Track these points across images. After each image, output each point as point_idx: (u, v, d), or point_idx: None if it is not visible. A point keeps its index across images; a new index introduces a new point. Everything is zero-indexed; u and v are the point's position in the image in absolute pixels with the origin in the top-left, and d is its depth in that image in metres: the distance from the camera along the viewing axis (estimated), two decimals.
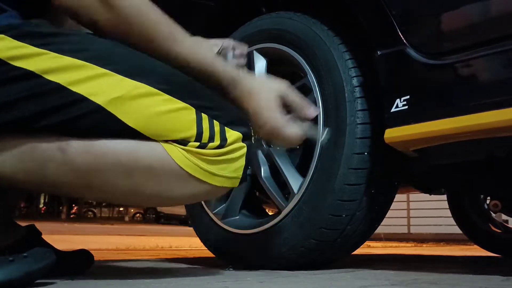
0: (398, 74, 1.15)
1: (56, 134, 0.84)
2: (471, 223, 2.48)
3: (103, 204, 32.92)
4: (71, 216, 25.44)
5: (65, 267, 1.01)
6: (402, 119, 1.12)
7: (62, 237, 4.46)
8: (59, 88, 0.82)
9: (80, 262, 1.12)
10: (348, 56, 1.26)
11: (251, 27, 1.49)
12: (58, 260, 0.87)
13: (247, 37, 1.49)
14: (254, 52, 1.45)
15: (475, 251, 2.78)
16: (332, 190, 1.20)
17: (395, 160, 1.24)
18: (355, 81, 1.23)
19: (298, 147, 1.39)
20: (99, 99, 0.83)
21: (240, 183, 0.96)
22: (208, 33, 1.68)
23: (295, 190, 1.27)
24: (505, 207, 2.28)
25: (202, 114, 0.90)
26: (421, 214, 6.52)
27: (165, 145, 0.88)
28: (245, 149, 0.94)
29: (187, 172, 0.89)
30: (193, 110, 0.89)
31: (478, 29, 1.07)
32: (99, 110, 0.83)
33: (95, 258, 1.14)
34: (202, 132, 0.89)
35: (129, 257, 1.86)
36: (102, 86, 0.84)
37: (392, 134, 1.13)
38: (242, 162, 0.94)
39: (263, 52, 1.44)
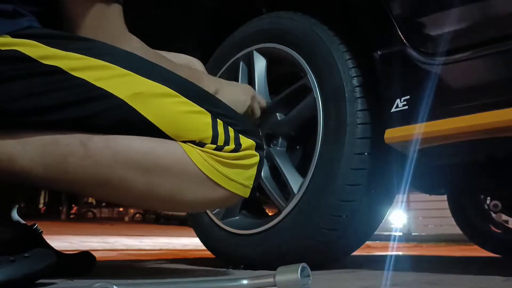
0: (398, 74, 1.15)
1: (79, 129, 0.85)
2: (471, 224, 2.48)
3: (103, 204, 32.89)
4: (71, 216, 25.43)
5: (66, 269, 1.01)
6: (402, 119, 1.11)
7: (62, 237, 4.46)
8: (84, 83, 0.85)
9: (82, 265, 1.11)
10: (348, 56, 1.26)
11: (251, 27, 1.49)
12: (59, 262, 0.87)
13: (247, 37, 1.49)
14: (254, 52, 1.45)
15: (475, 251, 2.78)
16: (332, 190, 1.20)
17: (395, 160, 1.24)
18: (355, 81, 1.23)
19: (298, 147, 1.39)
20: (121, 94, 0.86)
21: (251, 194, 0.96)
22: (208, 33, 1.69)
23: (295, 191, 1.27)
24: (505, 207, 2.28)
25: (218, 119, 0.92)
26: (421, 214, 6.52)
27: (184, 145, 0.90)
28: (258, 158, 0.96)
29: (204, 174, 0.90)
30: (209, 115, 0.92)
31: (478, 29, 1.07)
32: (121, 104, 0.86)
33: (96, 259, 1.14)
34: (217, 135, 0.91)
35: (128, 258, 1.86)
36: (125, 83, 0.87)
37: (392, 134, 1.13)
38: (254, 171, 0.96)
39: (263, 52, 1.44)
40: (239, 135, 0.94)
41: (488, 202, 2.38)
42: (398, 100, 1.12)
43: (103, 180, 0.87)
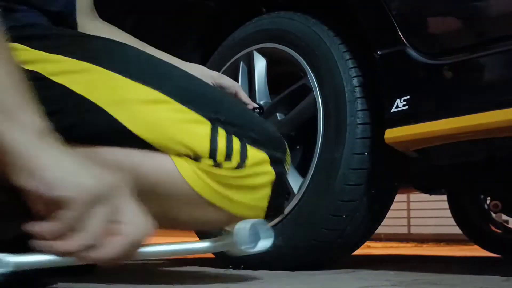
0: (398, 74, 1.15)
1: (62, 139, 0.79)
2: (471, 223, 2.47)
3: None
4: None
5: (67, 270, 1.00)
6: (402, 119, 1.11)
7: None
8: (63, 90, 0.75)
9: (84, 266, 1.11)
10: (348, 56, 1.26)
11: (251, 27, 1.49)
12: None
13: (247, 37, 1.49)
14: (254, 52, 1.45)
15: (475, 251, 2.77)
16: (332, 190, 1.20)
17: (395, 160, 1.24)
18: (355, 81, 1.23)
19: (298, 147, 1.39)
20: (102, 101, 0.74)
21: (273, 215, 0.82)
22: (208, 34, 1.69)
23: (295, 190, 1.27)
24: (505, 207, 2.28)
25: (219, 128, 0.76)
26: (421, 214, 6.51)
27: (176, 159, 0.75)
28: (271, 176, 0.79)
29: (198, 194, 0.75)
30: (208, 123, 0.76)
31: (478, 29, 1.07)
32: (100, 112, 0.74)
33: None
34: (216, 149, 0.75)
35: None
36: (106, 87, 0.76)
37: (392, 134, 1.13)
38: (267, 191, 0.79)
39: (263, 52, 1.44)
40: (247, 147, 0.77)
41: (488, 202, 2.37)
42: (398, 100, 1.12)
43: None
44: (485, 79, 1.06)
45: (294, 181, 1.29)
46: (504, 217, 2.69)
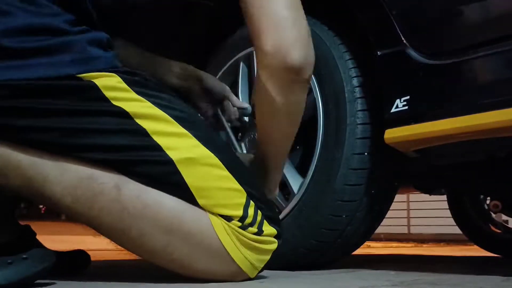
0: (398, 74, 1.15)
1: (116, 169, 0.86)
2: (471, 224, 2.47)
3: None
4: None
5: (61, 267, 1.00)
6: (402, 119, 1.12)
7: (62, 238, 4.46)
8: (143, 132, 0.87)
9: (77, 263, 1.11)
10: (348, 56, 1.26)
11: None
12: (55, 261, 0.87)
13: (247, 37, 1.49)
14: (254, 52, 1.44)
15: (475, 251, 2.78)
16: (332, 190, 1.20)
17: (395, 160, 1.24)
18: (355, 81, 1.23)
19: (298, 147, 1.39)
20: (173, 155, 0.87)
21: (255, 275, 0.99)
22: (209, 34, 1.68)
23: (295, 191, 1.27)
24: (505, 207, 2.28)
25: (251, 201, 0.94)
26: (421, 214, 6.51)
27: (212, 217, 0.91)
28: (275, 246, 0.98)
29: (224, 248, 0.91)
30: (245, 195, 0.93)
31: (478, 30, 1.07)
32: (169, 163, 0.87)
33: (95, 259, 1.14)
34: (246, 217, 0.92)
35: (129, 258, 1.85)
36: (180, 144, 0.89)
37: (392, 134, 1.13)
38: (268, 256, 0.98)
39: None
40: (264, 221, 0.95)
41: (488, 202, 2.37)
42: (398, 101, 1.12)
43: (123, 227, 0.87)
44: (485, 79, 1.06)
45: (294, 181, 1.29)
46: (504, 217, 2.69)
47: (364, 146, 1.21)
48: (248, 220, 0.92)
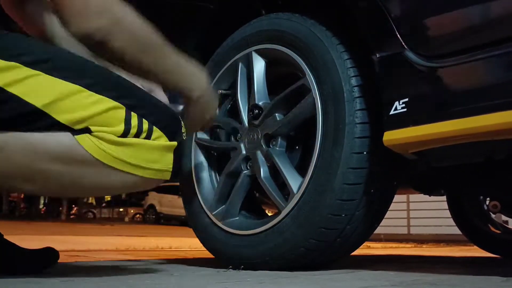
0: (397, 76, 1.15)
1: None
2: (471, 224, 2.48)
3: (103, 204, 32.91)
4: (71, 216, 25.42)
5: (29, 264, 1.03)
6: (401, 121, 1.12)
7: (63, 238, 4.46)
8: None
9: (45, 260, 1.14)
10: (346, 56, 1.26)
11: (250, 28, 1.50)
12: (22, 257, 0.89)
13: (246, 38, 1.49)
14: (253, 53, 1.45)
15: (475, 251, 2.78)
16: (332, 189, 1.21)
17: (394, 160, 1.24)
18: (353, 81, 1.24)
19: (297, 147, 1.40)
20: (36, 102, 0.92)
21: (174, 176, 1.03)
22: (209, 35, 1.69)
23: (295, 190, 1.28)
24: (504, 208, 2.28)
25: (132, 113, 0.98)
26: (421, 214, 6.52)
27: (79, 136, 0.94)
28: (169, 144, 1.01)
29: (98, 160, 0.95)
30: (123, 109, 0.97)
31: (476, 32, 1.07)
32: (35, 111, 0.91)
33: (96, 259, 1.15)
34: (130, 129, 0.97)
35: (129, 258, 1.86)
36: (36, 88, 0.92)
37: (391, 136, 1.13)
38: (170, 156, 1.02)
39: (262, 53, 1.44)
40: (153, 127, 0.99)
41: (487, 202, 2.38)
42: (396, 103, 1.12)
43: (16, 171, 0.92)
44: (484, 81, 1.06)
45: (294, 181, 1.29)
46: (504, 217, 2.69)
47: (363, 145, 1.21)
48: (133, 131, 0.97)
